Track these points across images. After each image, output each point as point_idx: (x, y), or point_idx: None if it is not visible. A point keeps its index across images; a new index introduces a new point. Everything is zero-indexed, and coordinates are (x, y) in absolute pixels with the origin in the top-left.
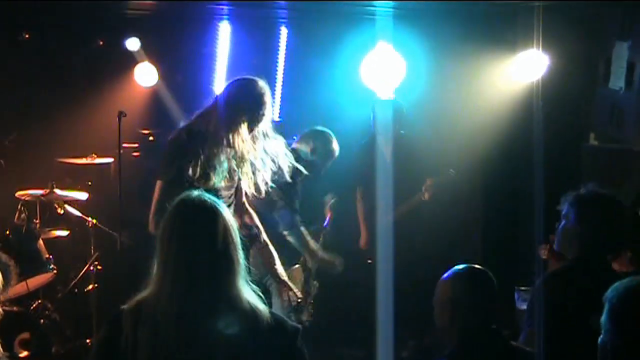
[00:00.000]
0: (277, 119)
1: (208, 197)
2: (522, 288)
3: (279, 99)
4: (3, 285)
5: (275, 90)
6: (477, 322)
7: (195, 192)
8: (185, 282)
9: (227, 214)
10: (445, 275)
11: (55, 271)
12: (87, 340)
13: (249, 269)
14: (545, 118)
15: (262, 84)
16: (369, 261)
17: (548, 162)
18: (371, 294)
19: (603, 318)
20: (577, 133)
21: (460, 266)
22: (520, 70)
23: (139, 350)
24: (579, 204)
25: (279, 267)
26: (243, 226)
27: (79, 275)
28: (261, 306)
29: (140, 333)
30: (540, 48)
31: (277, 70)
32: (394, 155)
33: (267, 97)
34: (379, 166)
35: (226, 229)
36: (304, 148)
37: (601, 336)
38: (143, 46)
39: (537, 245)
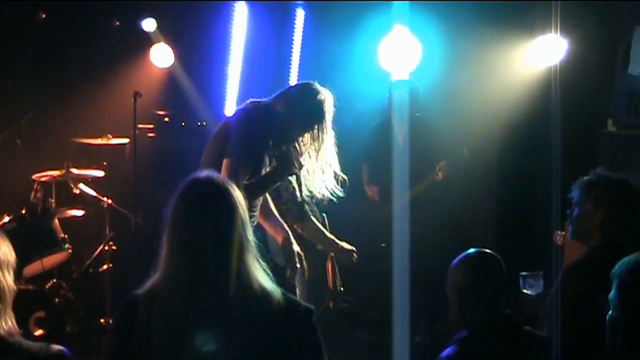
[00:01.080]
0: None
1: (216, 176)
2: (524, 273)
3: (295, 81)
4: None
5: (291, 71)
6: (486, 308)
7: (205, 172)
8: (194, 262)
9: (237, 193)
10: (455, 260)
11: (70, 251)
12: (102, 320)
13: (260, 247)
14: (563, 103)
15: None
16: (383, 245)
17: (565, 148)
18: (386, 279)
19: (612, 294)
20: (595, 119)
21: (470, 251)
22: (538, 55)
23: (153, 333)
24: (594, 189)
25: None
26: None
27: (94, 255)
28: (273, 287)
29: (153, 316)
30: (559, 32)
31: (292, 52)
32: (410, 137)
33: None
34: (394, 148)
35: (235, 207)
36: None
37: (610, 312)
38: (159, 27)
39: (554, 232)
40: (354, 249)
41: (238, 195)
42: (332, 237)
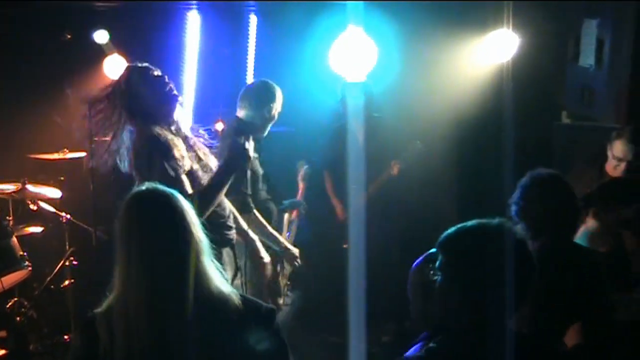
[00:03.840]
0: None
1: (159, 187)
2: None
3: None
4: None
5: (246, 78)
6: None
7: (146, 185)
8: (148, 276)
9: (182, 201)
10: (416, 261)
11: (30, 268)
12: (65, 337)
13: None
14: (518, 97)
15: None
16: (345, 246)
17: (522, 141)
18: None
19: (437, 263)
20: (550, 112)
21: (432, 251)
22: (491, 50)
23: (115, 352)
24: (527, 188)
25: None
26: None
27: (55, 271)
28: (232, 291)
29: (115, 335)
30: (511, 28)
31: (247, 59)
32: (367, 138)
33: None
34: (350, 149)
35: (182, 216)
36: (243, 112)
37: (438, 279)
38: (112, 38)
39: None
40: (297, 253)
41: (183, 201)
42: (275, 233)
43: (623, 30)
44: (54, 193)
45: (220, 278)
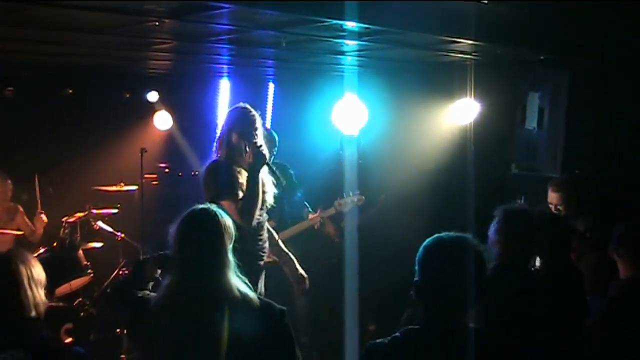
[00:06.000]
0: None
1: (210, 208)
2: None
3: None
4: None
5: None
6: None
7: (202, 205)
8: (182, 275)
9: (225, 221)
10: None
11: (91, 275)
12: (117, 330)
13: (239, 265)
14: (478, 152)
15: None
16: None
17: (481, 186)
18: (335, 290)
19: (416, 266)
20: (502, 163)
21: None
22: (457, 114)
23: (160, 327)
24: (497, 221)
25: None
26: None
27: (110, 278)
28: (250, 292)
29: (162, 313)
30: (473, 97)
31: (266, 117)
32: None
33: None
34: (345, 185)
35: (221, 233)
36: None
37: (415, 279)
38: (161, 98)
39: None
40: (305, 278)
41: (226, 223)
42: (289, 255)
43: (558, 101)
44: (113, 210)
45: (244, 284)
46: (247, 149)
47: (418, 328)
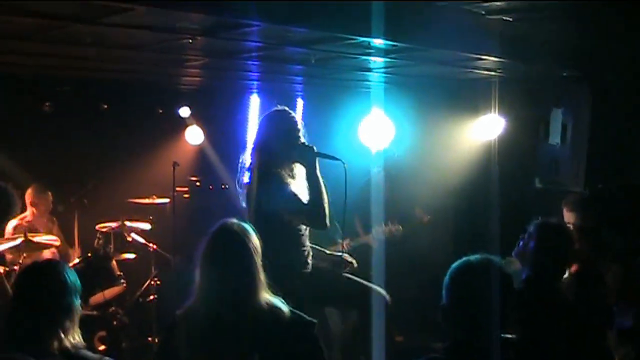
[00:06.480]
0: None
1: (238, 222)
2: None
3: None
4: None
5: None
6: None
7: (230, 219)
8: (217, 289)
9: (254, 236)
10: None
11: (124, 285)
12: (149, 338)
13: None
14: (502, 167)
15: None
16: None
17: (505, 200)
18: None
19: (444, 289)
20: (527, 178)
21: None
22: (482, 130)
23: (189, 344)
24: (533, 231)
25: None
26: None
27: (143, 288)
28: (282, 306)
29: (189, 331)
30: (497, 113)
31: None
32: (387, 190)
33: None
34: (373, 198)
35: (250, 247)
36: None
37: (443, 302)
38: (192, 113)
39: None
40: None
41: (254, 237)
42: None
43: (581, 117)
44: (145, 226)
45: (274, 297)
46: (293, 149)
47: (443, 358)
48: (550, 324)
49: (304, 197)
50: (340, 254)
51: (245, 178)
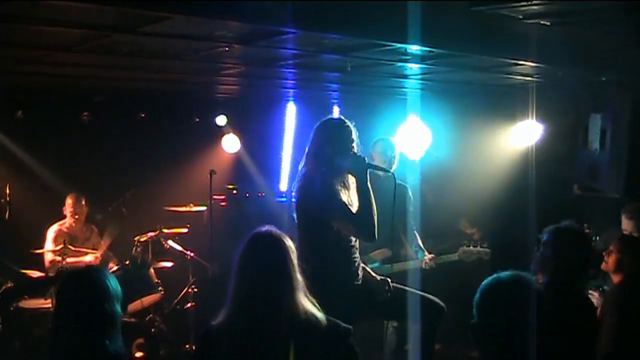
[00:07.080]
0: None
1: (274, 230)
2: None
3: None
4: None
5: None
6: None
7: (266, 227)
8: (253, 297)
9: (289, 243)
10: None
11: (162, 292)
12: (187, 346)
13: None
14: (540, 172)
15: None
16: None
17: (543, 208)
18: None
19: (474, 307)
20: (565, 184)
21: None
22: (520, 136)
23: (225, 354)
24: (550, 237)
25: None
26: None
27: (180, 296)
28: (318, 313)
29: (224, 341)
30: (535, 119)
31: None
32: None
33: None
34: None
35: (286, 254)
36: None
37: (473, 320)
38: (229, 122)
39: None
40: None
41: (290, 244)
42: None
43: (621, 122)
44: (181, 236)
45: (311, 304)
46: (346, 159)
47: None
48: (574, 330)
49: (354, 207)
50: (383, 277)
51: (296, 185)
